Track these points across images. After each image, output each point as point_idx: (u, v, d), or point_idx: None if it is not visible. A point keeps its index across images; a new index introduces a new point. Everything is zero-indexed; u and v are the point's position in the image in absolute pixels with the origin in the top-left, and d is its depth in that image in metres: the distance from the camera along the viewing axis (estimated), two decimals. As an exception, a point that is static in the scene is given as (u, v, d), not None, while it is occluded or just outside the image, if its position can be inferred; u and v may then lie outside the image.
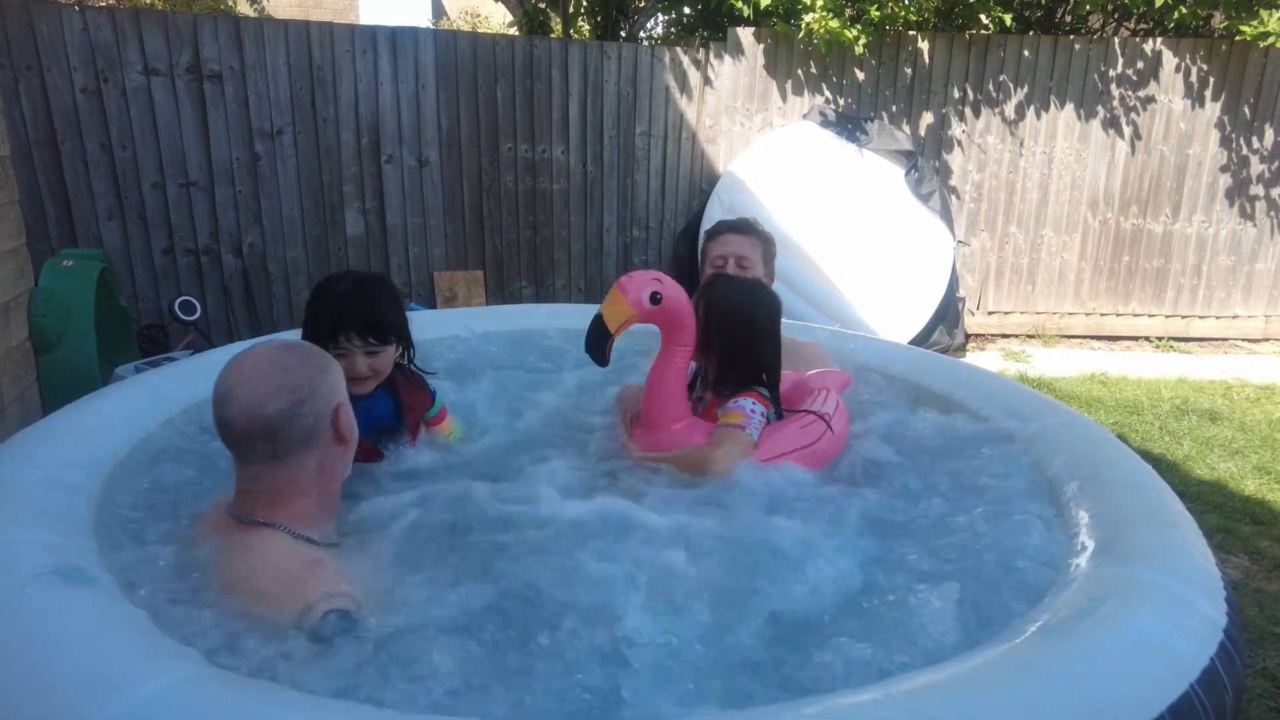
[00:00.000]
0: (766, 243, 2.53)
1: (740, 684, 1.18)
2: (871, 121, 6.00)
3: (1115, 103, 6.33)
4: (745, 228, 2.53)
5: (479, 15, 15.15)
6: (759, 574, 1.43)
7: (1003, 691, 1.03)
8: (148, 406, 1.99)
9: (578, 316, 2.44)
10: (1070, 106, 6.33)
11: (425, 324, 2.56)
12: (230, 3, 9.28)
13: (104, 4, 7.47)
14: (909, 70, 6.24)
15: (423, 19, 17.05)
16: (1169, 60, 6.25)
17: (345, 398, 1.45)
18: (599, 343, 1.89)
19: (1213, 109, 6.34)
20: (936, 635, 1.24)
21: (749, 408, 1.93)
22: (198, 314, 4.69)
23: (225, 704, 0.96)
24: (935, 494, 1.79)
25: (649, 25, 8.44)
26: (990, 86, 6.29)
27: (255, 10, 8.63)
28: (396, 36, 5.42)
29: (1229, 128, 6.37)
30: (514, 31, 8.06)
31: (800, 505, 1.69)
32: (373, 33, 5.39)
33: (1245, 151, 6.42)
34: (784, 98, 6.23)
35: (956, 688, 1.05)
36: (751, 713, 1.01)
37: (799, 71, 6.19)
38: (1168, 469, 4.02)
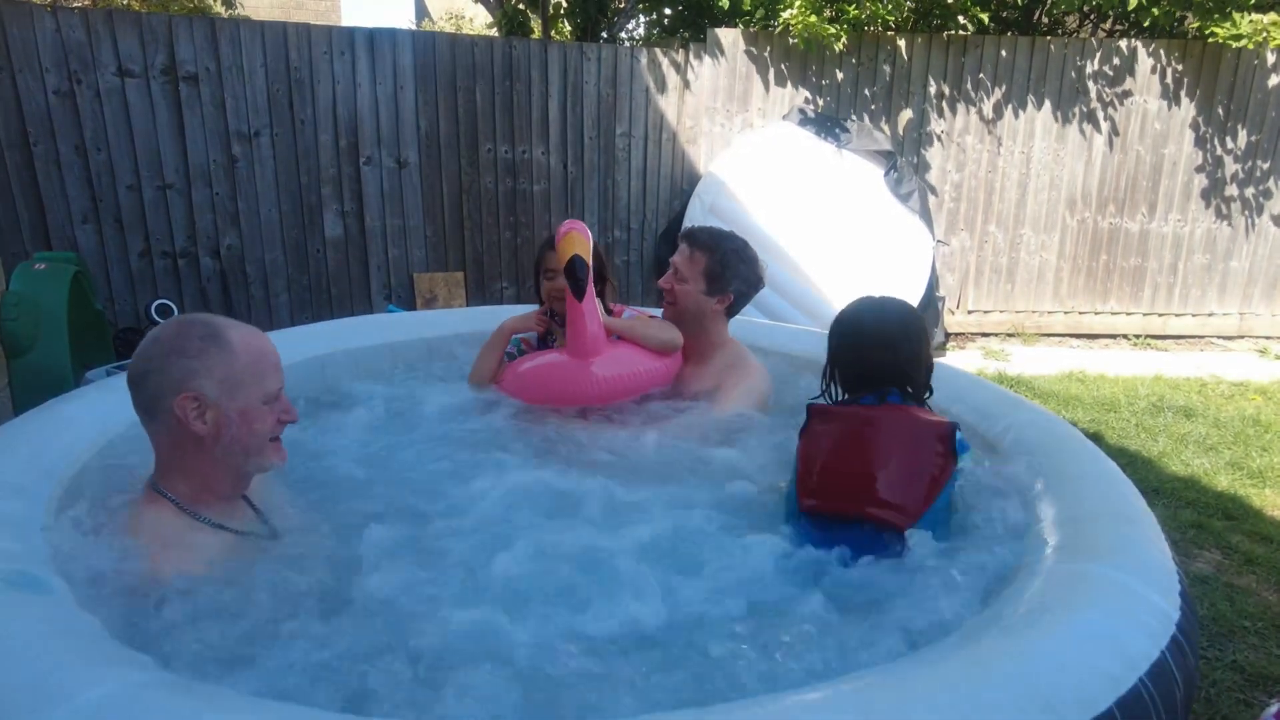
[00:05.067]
0: (714, 257, 2.36)
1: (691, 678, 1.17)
2: (851, 121, 6.02)
3: (1092, 102, 6.38)
4: (696, 239, 2.40)
5: (462, 16, 15.11)
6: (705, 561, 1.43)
7: (953, 689, 1.04)
8: (114, 410, 1.97)
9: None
10: (1048, 106, 6.38)
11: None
12: (209, 1, 9.20)
13: (77, 5, 7.40)
14: (888, 69, 6.27)
15: (405, 20, 16.99)
16: (1144, 61, 6.31)
17: (204, 391, 1.42)
18: (584, 275, 2.16)
19: (1187, 109, 6.40)
20: (890, 634, 1.24)
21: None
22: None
23: (168, 709, 0.95)
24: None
25: (629, 26, 8.45)
26: (969, 86, 6.33)
27: (230, 14, 8.56)
28: (374, 38, 5.40)
29: (1203, 127, 6.43)
30: (494, 33, 8.05)
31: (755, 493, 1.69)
32: (350, 34, 5.36)
33: (1219, 151, 6.48)
34: (764, 98, 6.25)
35: (907, 685, 1.05)
36: (701, 712, 1.01)
37: (779, 71, 6.21)
38: (1143, 465, 4.05)
